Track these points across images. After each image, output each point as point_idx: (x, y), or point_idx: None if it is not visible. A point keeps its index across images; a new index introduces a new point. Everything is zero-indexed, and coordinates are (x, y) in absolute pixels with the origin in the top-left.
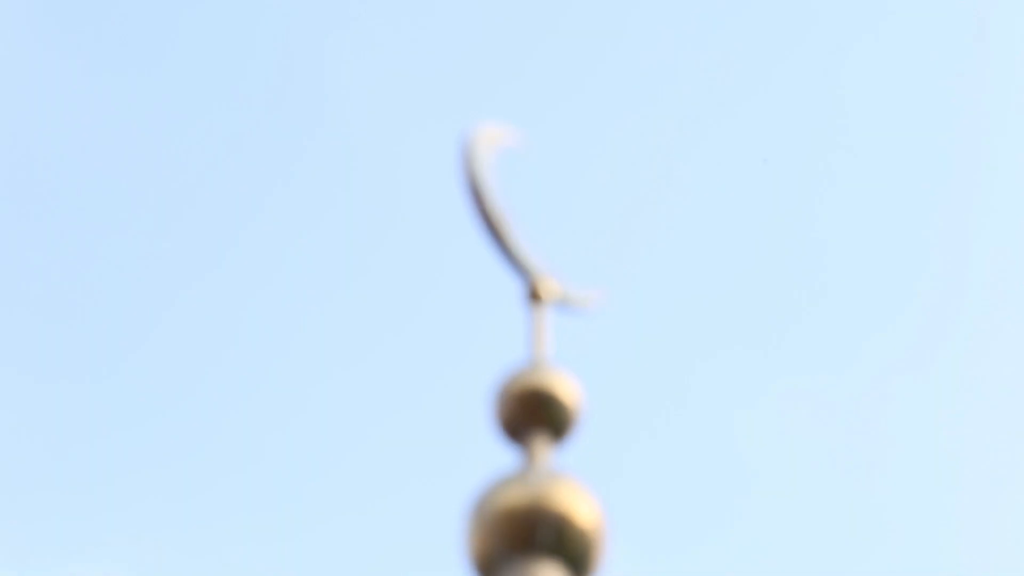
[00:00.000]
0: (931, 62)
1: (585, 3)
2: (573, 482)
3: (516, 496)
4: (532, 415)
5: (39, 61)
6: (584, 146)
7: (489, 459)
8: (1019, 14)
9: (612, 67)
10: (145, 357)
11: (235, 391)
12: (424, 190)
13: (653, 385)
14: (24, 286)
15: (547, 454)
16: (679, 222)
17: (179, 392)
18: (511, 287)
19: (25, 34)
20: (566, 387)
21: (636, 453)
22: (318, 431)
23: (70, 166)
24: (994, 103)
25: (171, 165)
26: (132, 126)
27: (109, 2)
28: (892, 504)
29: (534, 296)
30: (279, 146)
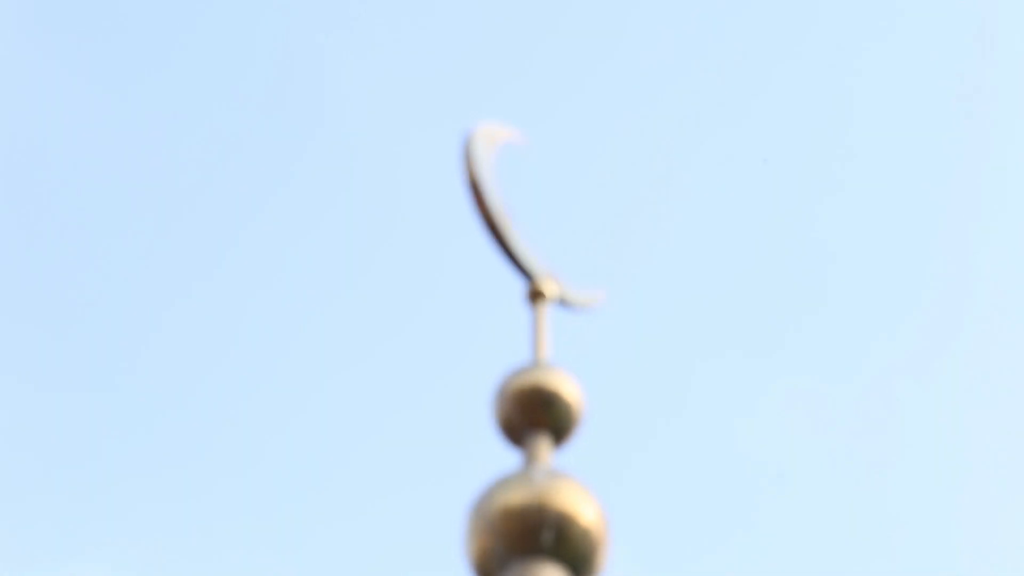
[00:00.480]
0: (933, 65)
1: (585, 3)
2: (574, 483)
3: (517, 497)
4: (533, 415)
5: (40, 63)
6: (584, 146)
7: (490, 459)
8: (1019, 15)
9: (612, 67)
10: (145, 360)
11: (235, 393)
12: (425, 190)
13: (654, 386)
14: (23, 291)
15: (548, 454)
16: (679, 223)
17: (179, 395)
18: (512, 287)
19: (26, 35)
20: (567, 387)
21: (637, 454)
22: (319, 432)
23: (70, 169)
24: (997, 106)
25: (171, 166)
26: (132, 127)
27: (109, 3)
28: (894, 506)
29: (535, 296)
30: (279, 146)
